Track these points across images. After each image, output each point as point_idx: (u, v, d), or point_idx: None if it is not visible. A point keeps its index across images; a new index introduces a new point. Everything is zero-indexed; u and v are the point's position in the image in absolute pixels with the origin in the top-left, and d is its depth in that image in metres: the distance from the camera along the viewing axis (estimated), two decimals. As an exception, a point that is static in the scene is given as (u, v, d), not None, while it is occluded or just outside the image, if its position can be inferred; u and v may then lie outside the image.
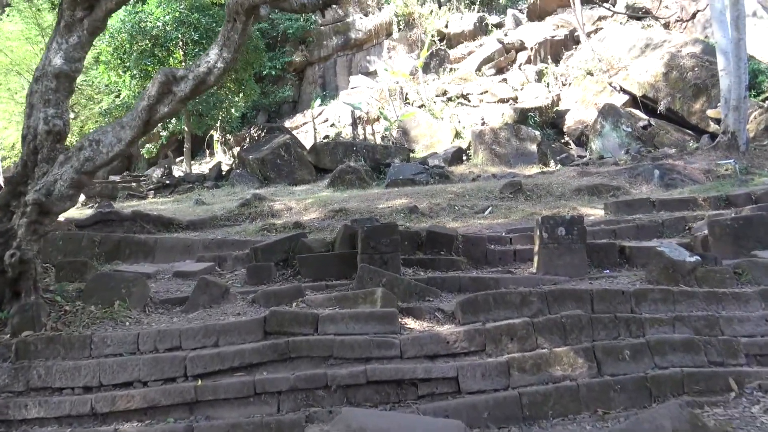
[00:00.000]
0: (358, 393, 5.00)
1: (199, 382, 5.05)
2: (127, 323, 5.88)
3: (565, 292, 5.78)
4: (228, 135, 27.06)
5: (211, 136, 28.89)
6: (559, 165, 17.03)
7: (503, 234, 9.22)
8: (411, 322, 5.83)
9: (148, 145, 30.00)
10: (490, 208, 11.76)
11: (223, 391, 4.97)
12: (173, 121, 25.32)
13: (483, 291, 6.63)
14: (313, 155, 20.24)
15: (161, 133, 27.72)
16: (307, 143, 22.01)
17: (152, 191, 20.38)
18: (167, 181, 20.55)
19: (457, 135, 21.65)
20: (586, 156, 17.90)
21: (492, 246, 8.54)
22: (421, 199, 13.06)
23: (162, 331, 5.42)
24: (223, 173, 21.74)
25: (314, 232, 11.24)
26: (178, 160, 29.18)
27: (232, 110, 24.35)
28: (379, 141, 22.28)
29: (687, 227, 8.82)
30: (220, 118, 24.10)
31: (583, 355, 5.14)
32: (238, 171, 20.25)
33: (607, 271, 7.40)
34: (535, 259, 7.47)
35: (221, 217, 13.43)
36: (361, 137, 22.57)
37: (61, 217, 14.59)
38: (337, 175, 17.54)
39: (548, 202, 12.21)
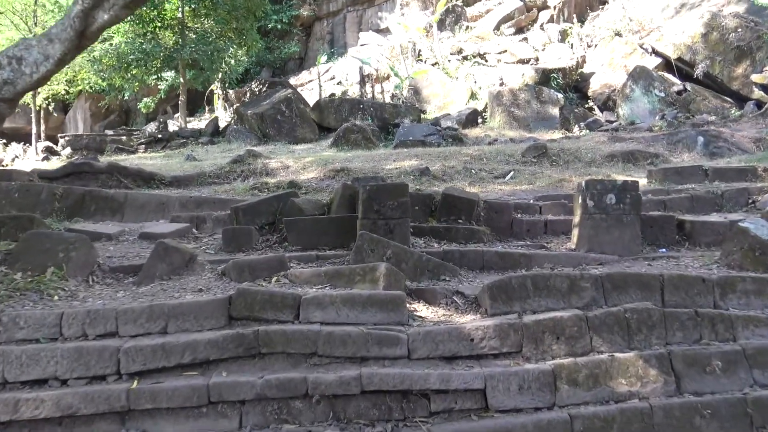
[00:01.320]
0: (349, 406, 3.69)
1: (135, 383, 3.73)
2: (56, 297, 4.55)
3: (628, 277, 4.39)
4: (229, 90, 25.55)
5: (212, 91, 27.37)
6: (584, 130, 15.52)
7: (531, 201, 7.82)
8: (423, 309, 4.48)
9: (145, 99, 28.55)
10: (512, 173, 10.33)
11: (166, 398, 3.65)
12: (171, 73, 23.86)
13: (512, 270, 5.30)
14: (316, 113, 18.75)
15: (159, 87, 26.28)
16: (312, 101, 20.49)
17: (143, 146, 19.01)
18: (159, 136, 19.13)
19: (473, 96, 20.07)
20: (615, 121, 16.35)
21: (519, 215, 7.15)
22: (433, 160, 11.63)
23: (93, 311, 4.08)
24: (221, 129, 20.31)
25: (311, 192, 9.87)
26: (176, 115, 27.75)
27: (232, 62, 22.76)
28: (388, 100, 20.73)
29: (751, 200, 7.39)
30: (220, 71, 22.55)
31: (655, 364, 3.79)
32: (235, 127, 18.80)
33: (664, 249, 6.01)
34: (575, 232, 6.08)
35: (210, 174, 12.07)
36: (369, 96, 21.02)
37: (28, 168, 13.22)
38: (341, 134, 16.12)
39: (577, 169, 10.76)
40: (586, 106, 19.62)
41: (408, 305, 4.37)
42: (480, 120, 18.48)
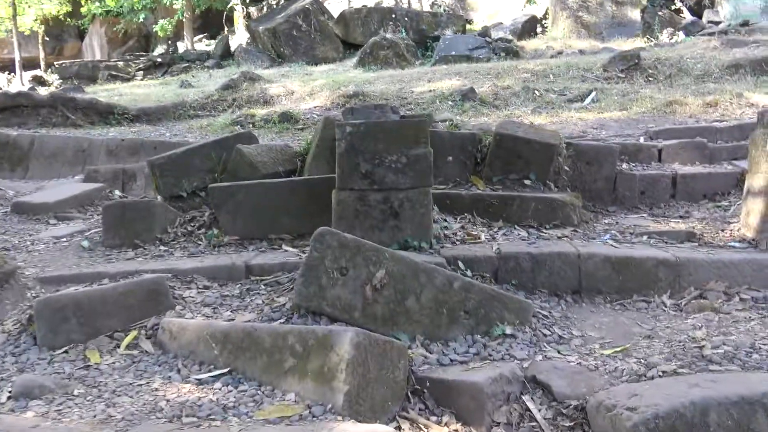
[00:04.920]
0: None
1: None
2: None
3: None
4: (252, 8, 22.58)
5: (231, 9, 24.36)
6: (677, 36, 12.04)
7: (641, 140, 4.86)
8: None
9: (161, 21, 25.73)
10: (593, 94, 7.25)
11: None
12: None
13: (642, 297, 2.53)
14: (341, 26, 15.65)
15: (174, 6, 23.52)
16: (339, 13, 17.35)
17: (141, 72, 16.39)
18: (158, 60, 16.45)
19: (530, 0, 16.57)
20: (719, 22, 12.75)
21: (624, 165, 4.25)
22: (480, 79, 8.61)
23: None
24: (232, 51, 17.48)
25: (307, 128, 7.10)
26: (196, 38, 24.97)
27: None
28: (426, 9, 17.39)
29: None
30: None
31: None
32: (245, 47, 15.96)
33: None
34: (753, 205, 3.15)
35: (192, 105, 9.44)
36: (405, 4, 17.72)
37: None
38: (369, 50, 13.16)
39: (687, 85, 7.59)
40: (673, 8, 15.91)
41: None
42: (539, 29, 15.19)
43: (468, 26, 15.94)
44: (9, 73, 18.25)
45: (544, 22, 15.28)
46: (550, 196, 3.52)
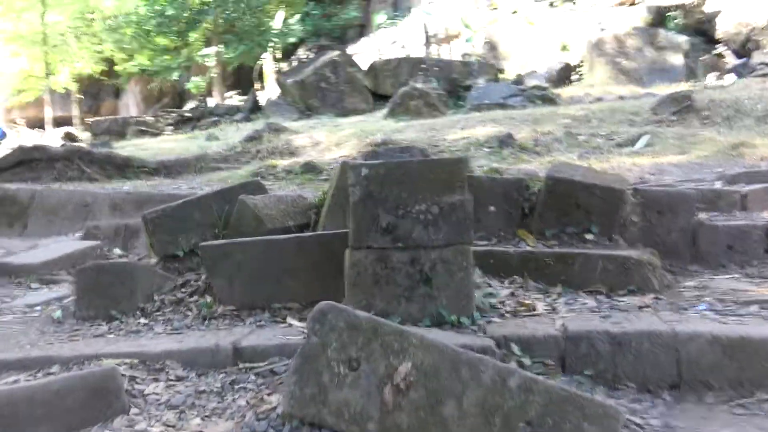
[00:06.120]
0: None
1: None
2: None
3: None
4: (282, 64, 22.74)
5: (260, 65, 24.61)
6: (729, 77, 11.36)
7: (715, 185, 4.15)
8: None
9: (194, 79, 26.08)
10: (646, 137, 6.57)
11: None
12: (215, 49, 21.35)
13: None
14: (370, 78, 15.38)
15: (207, 64, 23.88)
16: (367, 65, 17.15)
17: (171, 126, 16.28)
18: (188, 115, 16.35)
19: (564, 48, 16.13)
20: (773, 63, 12.06)
21: (702, 215, 3.53)
22: (517, 125, 8.02)
23: None
24: (260, 105, 17.33)
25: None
26: (228, 94, 25.22)
27: (281, 27, 19.71)
28: (457, 59, 17.08)
29: None
30: (266, 42, 19.63)
31: None
32: (274, 100, 15.76)
33: None
34: None
35: (214, 157, 9.02)
36: (435, 54, 17.45)
37: None
38: (399, 100, 12.77)
39: (749, 127, 6.89)
40: (714, 52, 15.29)
41: None
42: (575, 77, 14.68)
43: (500, 75, 15.54)
44: (42, 130, 18.41)
45: (579, 69, 14.80)
46: (620, 253, 2.82)
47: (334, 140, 9.00)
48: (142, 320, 2.73)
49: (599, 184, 3.08)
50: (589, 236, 3.03)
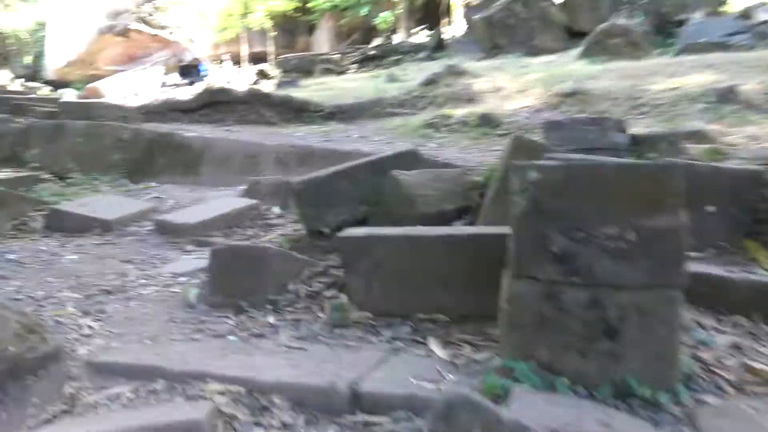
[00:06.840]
0: None
1: None
2: None
3: None
4: (472, -4, 21.72)
5: (449, -1, 23.75)
6: None
7: None
8: None
9: (382, 14, 26.03)
10: None
11: None
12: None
13: None
14: (565, 12, 14.01)
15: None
16: None
17: (355, 65, 16.28)
18: (372, 53, 16.19)
19: (811, -28, 13.31)
20: None
21: None
22: (743, 74, 6.65)
23: None
24: (445, 42, 16.68)
25: (509, 135, 5.85)
26: (416, 30, 24.86)
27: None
28: (671, -12, 14.90)
29: None
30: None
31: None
32: (458, 38, 15.03)
33: None
34: None
35: (389, 102, 8.71)
36: (644, -15, 15.38)
37: (157, 98, 10.82)
38: (595, 38, 11.56)
39: None
40: None
41: None
42: (824, 8, 12.05)
43: (721, 9, 13.29)
44: (239, 66, 19.46)
45: (831, -1, 12.12)
46: None
47: (517, 86, 8.20)
48: (270, 318, 2.42)
49: None
50: None
